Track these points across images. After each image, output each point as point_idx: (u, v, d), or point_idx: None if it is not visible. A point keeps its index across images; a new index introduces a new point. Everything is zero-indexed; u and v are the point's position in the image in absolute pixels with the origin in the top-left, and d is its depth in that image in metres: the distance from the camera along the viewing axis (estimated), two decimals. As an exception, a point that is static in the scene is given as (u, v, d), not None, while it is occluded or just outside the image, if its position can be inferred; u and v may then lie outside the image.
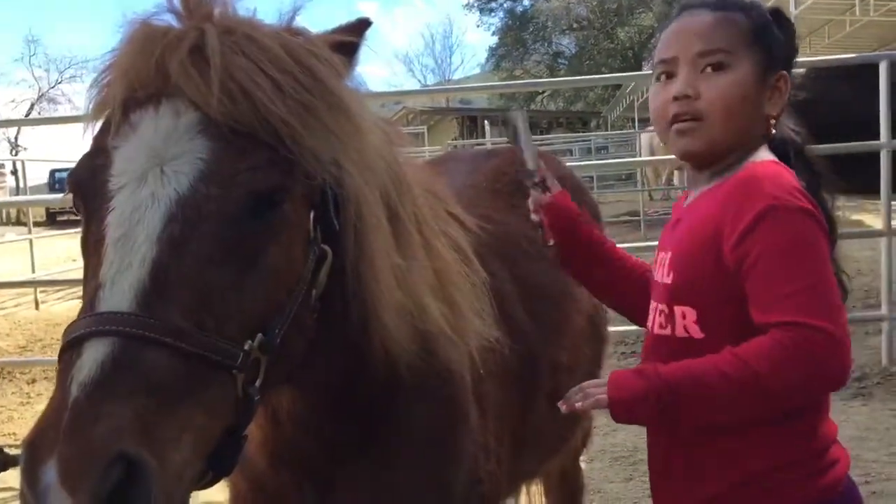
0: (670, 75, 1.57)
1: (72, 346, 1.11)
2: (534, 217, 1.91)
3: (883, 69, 5.50)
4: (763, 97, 1.55)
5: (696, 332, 1.50)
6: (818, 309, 1.33)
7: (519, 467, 2.17)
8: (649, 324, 1.65)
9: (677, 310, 1.52)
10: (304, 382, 1.51)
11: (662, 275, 1.60)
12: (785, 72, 1.56)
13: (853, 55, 8.15)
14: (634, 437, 4.76)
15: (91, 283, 1.19)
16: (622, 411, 1.43)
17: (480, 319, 1.82)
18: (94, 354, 1.08)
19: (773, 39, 1.56)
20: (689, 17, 1.59)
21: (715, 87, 1.52)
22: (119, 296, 1.14)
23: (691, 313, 1.50)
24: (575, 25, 39.90)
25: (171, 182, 1.22)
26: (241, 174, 1.24)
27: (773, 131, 1.58)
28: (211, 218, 1.21)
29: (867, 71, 6.08)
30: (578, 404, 1.49)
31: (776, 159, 1.55)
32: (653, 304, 1.64)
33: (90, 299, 1.17)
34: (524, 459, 2.18)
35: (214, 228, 1.21)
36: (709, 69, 1.52)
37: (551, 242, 1.89)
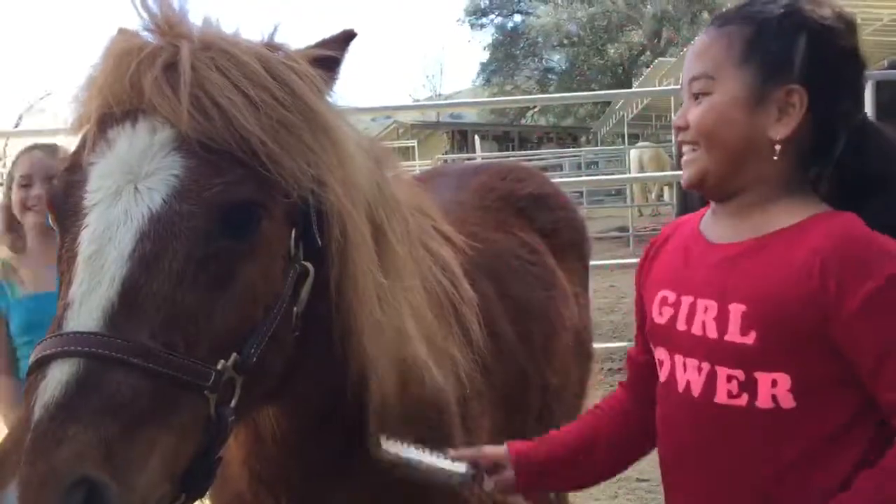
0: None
1: (37, 366, 1.09)
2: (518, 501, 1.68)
3: (868, 89, 5.55)
4: (760, 119, 1.35)
5: (788, 402, 1.29)
6: None
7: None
8: (681, 384, 1.41)
9: (762, 377, 1.30)
10: (288, 401, 1.48)
11: (730, 330, 1.33)
12: (799, 86, 1.32)
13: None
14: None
15: (61, 301, 1.18)
16: None
17: (468, 340, 1.80)
18: (57, 376, 1.06)
19: (776, 49, 1.34)
20: (699, 36, 1.47)
21: (694, 115, 1.40)
22: (86, 315, 1.12)
23: (784, 381, 1.28)
24: (565, 42, 40.15)
25: (144, 199, 1.20)
26: (214, 191, 1.22)
27: (776, 157, 1.35)
28: (183, 235, 1.19)
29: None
30: None
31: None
32: (689, 362, 1.39)
33: (58, 319, 1.15)
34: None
35: (186, 246, 1.19)
36: (698, 96, 1.41)
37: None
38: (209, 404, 1.18)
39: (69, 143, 1.40)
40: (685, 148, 1.44)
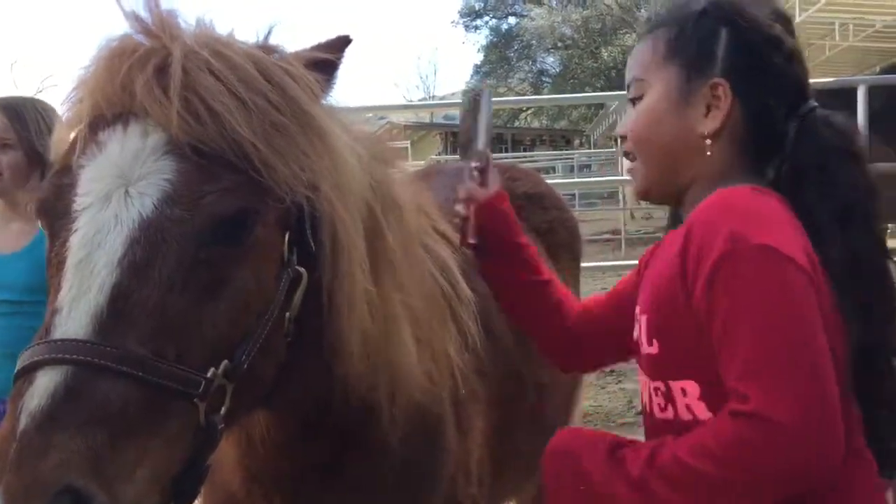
0: None
1: (24, 373, 1.08)
2: (458, 209, 1.70)
3: (861, 94, 5.58)
4: (690, 116, 1.32)
5: (703, 413, 1.20)
6: (774, 391, 1.05)
7: (500, 488, 2.15)
8: (646, 404, 1.37)
9: (674, 385, 1.24)
10: (279, 406, 1.47)
11: (644, 342, 1.31)
12: (723, 79, 1.29)
13: (832, 79, 8.24)
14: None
15: (49, 307, 1.16)
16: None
17: (465, 341, 1.80)
18: (45, 383, 1.05)
19: (697, 45, 1.32)
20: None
21: (628, 122, 1.39)
22: (75, 322, 1.10)
23: (693, 388, 1.21)
24: (559, 44, 40.25)
25: (134, 204, 1.18)
26: (206, 196, 1.20)
27: (710, 152, 1.31)
28: (174, 241, 1.17)
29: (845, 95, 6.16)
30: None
31: (755, 186, 1.27)
32: (643, 381, 1.36)
33: (46, 325, 1.13)
34: (505, 480, 2.16)
35: (177, 252, 1.17)
36: (634, 102, 1.39)
37: (472, 241, 1.68)
38: (199, 412, 1.16)
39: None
40: (627, 159, 1.43)
